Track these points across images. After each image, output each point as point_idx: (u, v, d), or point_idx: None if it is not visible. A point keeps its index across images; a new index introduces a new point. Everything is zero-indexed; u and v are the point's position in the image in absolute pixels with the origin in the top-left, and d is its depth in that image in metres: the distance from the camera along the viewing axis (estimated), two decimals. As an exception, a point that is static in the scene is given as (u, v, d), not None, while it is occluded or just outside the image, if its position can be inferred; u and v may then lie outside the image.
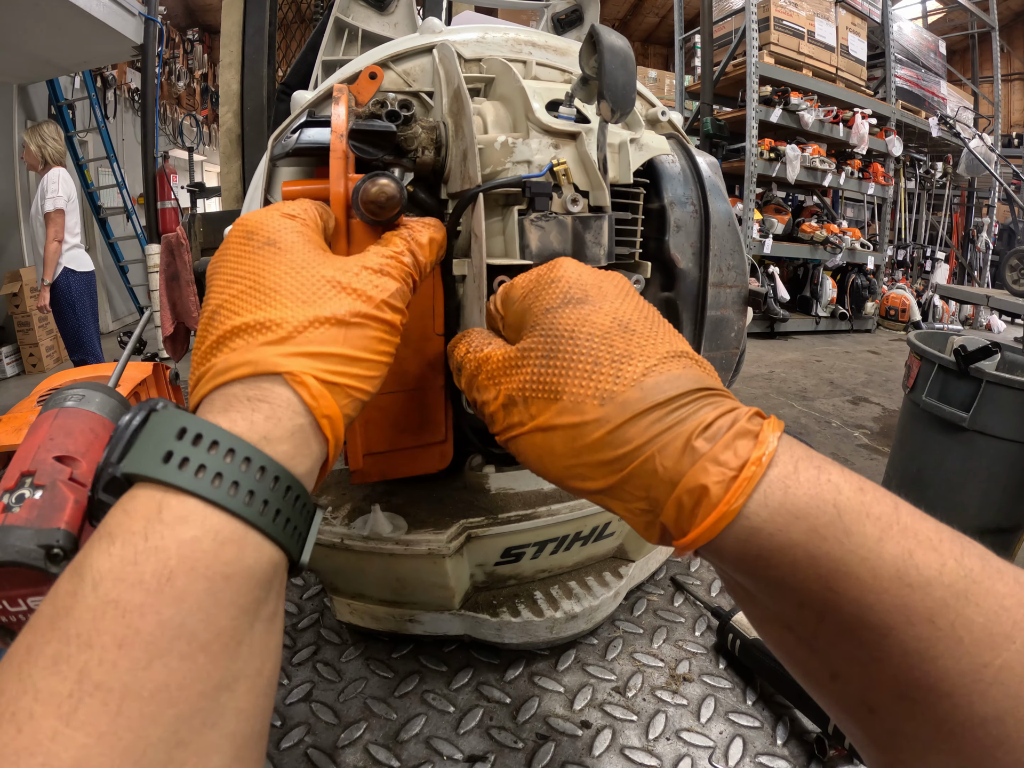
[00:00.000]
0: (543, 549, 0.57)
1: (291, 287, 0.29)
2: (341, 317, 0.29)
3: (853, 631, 0.23)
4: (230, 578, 0.23)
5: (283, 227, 0.32)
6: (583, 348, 0.29)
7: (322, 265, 0.31)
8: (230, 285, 0.30)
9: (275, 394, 0.27)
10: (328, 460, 0.29)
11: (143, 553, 0.22)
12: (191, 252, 2.47)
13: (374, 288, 0.31)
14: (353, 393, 0.29)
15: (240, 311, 0.29)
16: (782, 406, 4.06)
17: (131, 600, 0.21)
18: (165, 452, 0.24)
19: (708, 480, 0.25)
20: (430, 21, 0.51)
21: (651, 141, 0.47)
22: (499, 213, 0.42)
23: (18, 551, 0.27)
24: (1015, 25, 9.83)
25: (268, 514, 0.25)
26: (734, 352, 0.51)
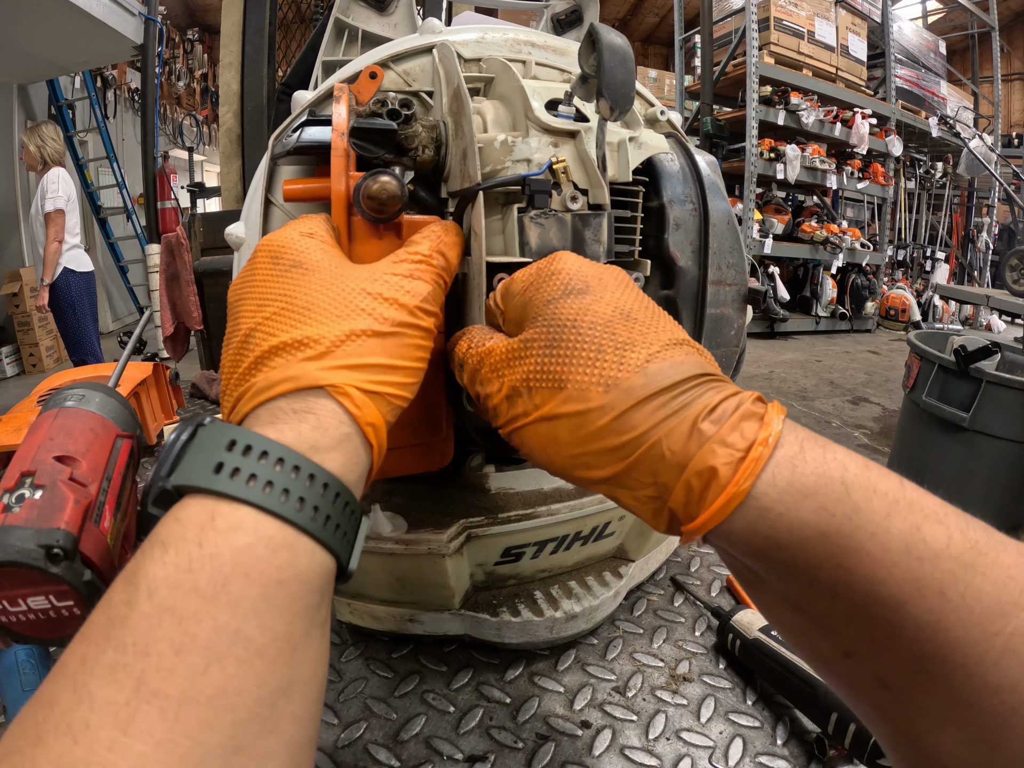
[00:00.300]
0: (543, 549, 0.57)
1: (324, 304, 0.30)
2: (378, 329, 0.30)
3: (865, 607, 0.23)
4: (284, 583, 0.23)
5: (307, 247, 0.33)
6: (586, 336, 0.29)
7: (351, 278, 0.32)
8: (262, 308, 0.30)
9: (320, 406, 0.27)
10: (373, 466, 0.30)
11: (197, 560, 0.22)
12: (191, 252, 2.47)
13: (406, 294, 0.32)
14: (393, 400, 0.30)
15: (276, 331, 0.29)
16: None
17: (187, 607, 0.21)
18: (216, 463, 0.24)
19: (716, 462, 0.25)
20: (430, 21, 0.51)
21: (650, 140, 0.47)
22: (499, 211, 0.42)
23: (18, 551, 0.27)
24: (1015, 25, 9.84)
25: (319, 520, 0.25)
26: (734, 350, 0.51)
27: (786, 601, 0.27)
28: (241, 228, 0.51)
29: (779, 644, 0.54)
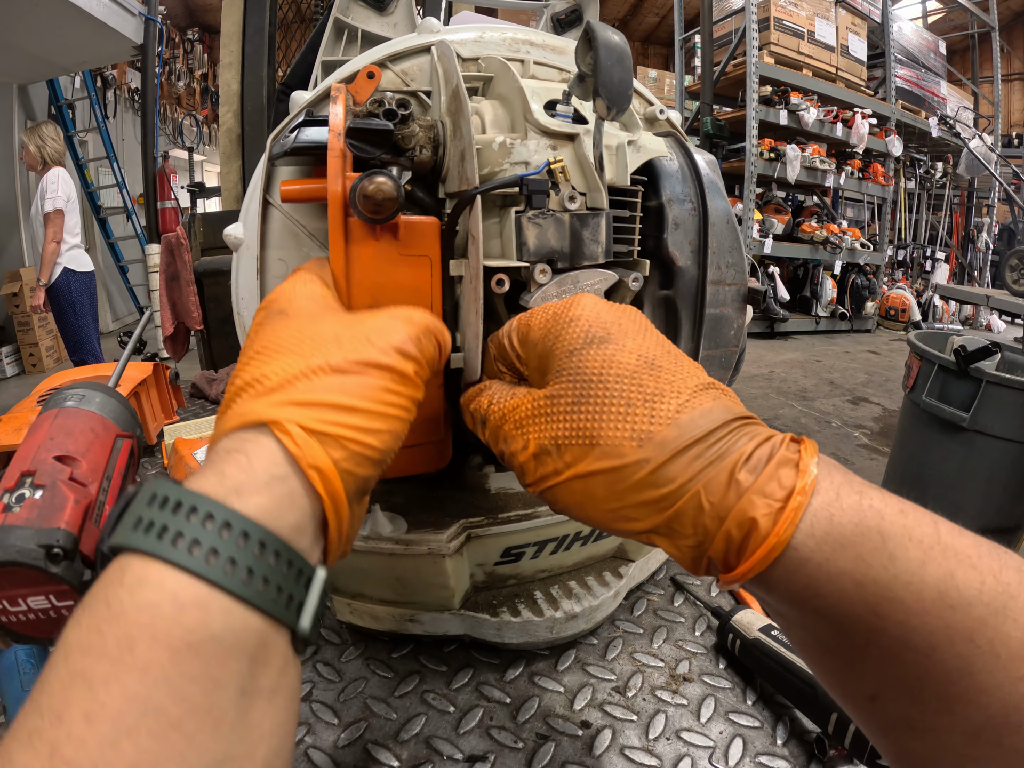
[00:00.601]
0: (543, 549, 0.57)
1: (290, 344, 0.29)
2: (336, 365, 0.28)
3: (897, 653, 0.24)
4: (195, 647, 0.21)
5: (294, 295, 0.33)
6: (614, 390, 0.29)
7: (328, 321, 0.31)
8: (242, 358, 0.30)
9: (256, 444, 0.25)
10: (328, 519, 0.27)
11: (105, 620, 0.21)
12: (191, 252, 2.47)
13: (377, 333, 0.30)
14: (350, 445, 0.27)
15: (243, 375, 0.28)
16: (782, 406, 4.06)
17: (96, 671, 0.20)
18: (136, 519, 0.23)
19: (756, 513, 0.25)
20: (428, 21, 0.51)
21: (649, 143, 0.47)
22: (497, 214, 0.42)
23: (18, 551, 0.27)
24: (1015, 25, 9.83)
25: (237, 574, 0.22)
26: (733, 350, 0.51)
27: (819, 643, 0.27)
28: (239, 229, 0.51)
29: (779, 644, 0.54)
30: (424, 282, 0.41)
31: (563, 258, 0.41)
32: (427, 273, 0.40)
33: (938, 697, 0.24)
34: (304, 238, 0.50)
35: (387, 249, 0.39)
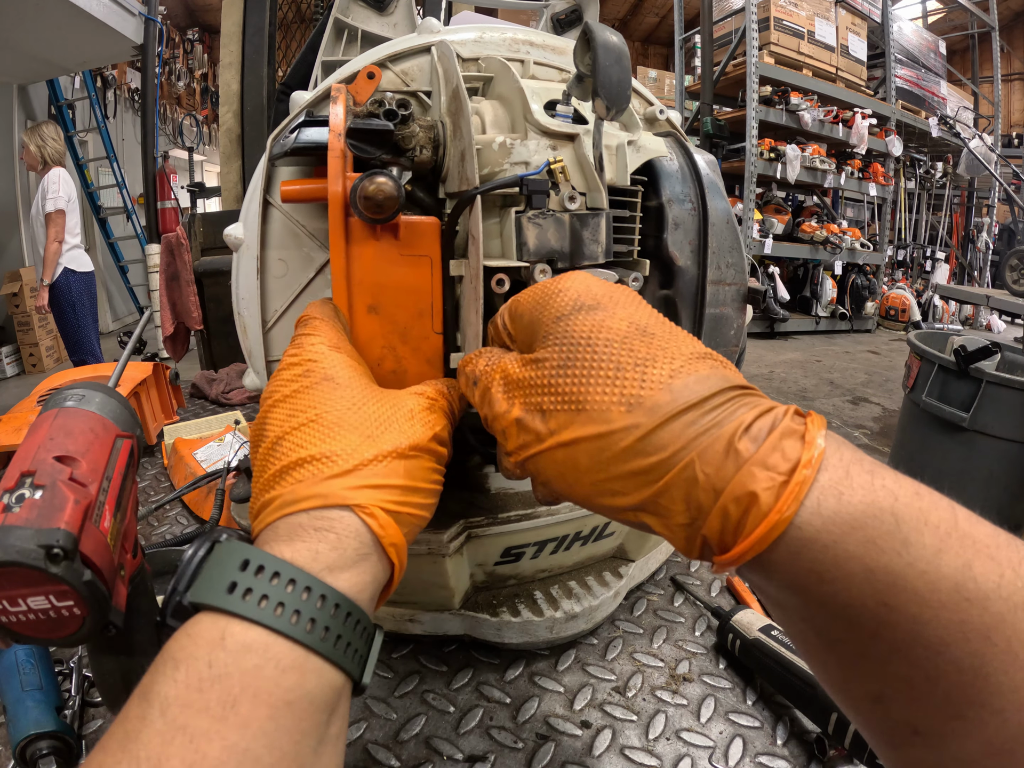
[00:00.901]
0: (543, 549, 0.57)
1: (353, 422, 0.31)
2: (402, 450, 0.31)
3: (906, 649, 0.22)
4: (292, 704, 0.23)
5: (337, 362, 0.34)
6: (602, 354, 0.28)
7: (379, 401, 0.33)
8: (291, 418, 0.31)
9: (343, 524, 0.28)
10: (393, 582, 0.31)
11: (207, 680, 0.23)
12: (191, 252, 2.47)
13: (425, 423, 0.33)
14: (413, 521, 0.31)
15: (304, 443, 0.30)
16: (782, 406, 4.06)
17: (198, 726, 0.22)
18: (230, 582, 0.25)
19: (757, 486, 0.23)
20: (428, 21, 0.51)
21: (649, 143, 0.47)
22: (497, 214, 0.42)
23: (18, 551, 0.27)
24: (1015, 25, 9.83)
25: (329, 640, 0.25)
26: (734, 350, 0.51)
27: (820, 637, 0.25)
28: (240, 229, 0.51)
29: (779, 644, 0.54)
30: (425, 282, 0.41)
31: (563, 258, 0.41)
32: (428, 273, 0.40)
33: (949, 700, 0.22)
34: (304, 238, 0.50)
35: (388, 249, 0.39)
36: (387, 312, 0.40)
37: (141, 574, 0.38)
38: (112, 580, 0.31)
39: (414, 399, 0.35)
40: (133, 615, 0.36)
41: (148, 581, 0.39)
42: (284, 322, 0.51)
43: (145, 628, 0.38)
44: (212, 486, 0.83)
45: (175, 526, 0.82)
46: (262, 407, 0.34)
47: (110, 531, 0.32)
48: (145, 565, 0.39)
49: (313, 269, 0.50)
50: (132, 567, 0.36)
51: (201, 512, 0.83)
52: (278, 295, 0.50)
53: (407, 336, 0.41)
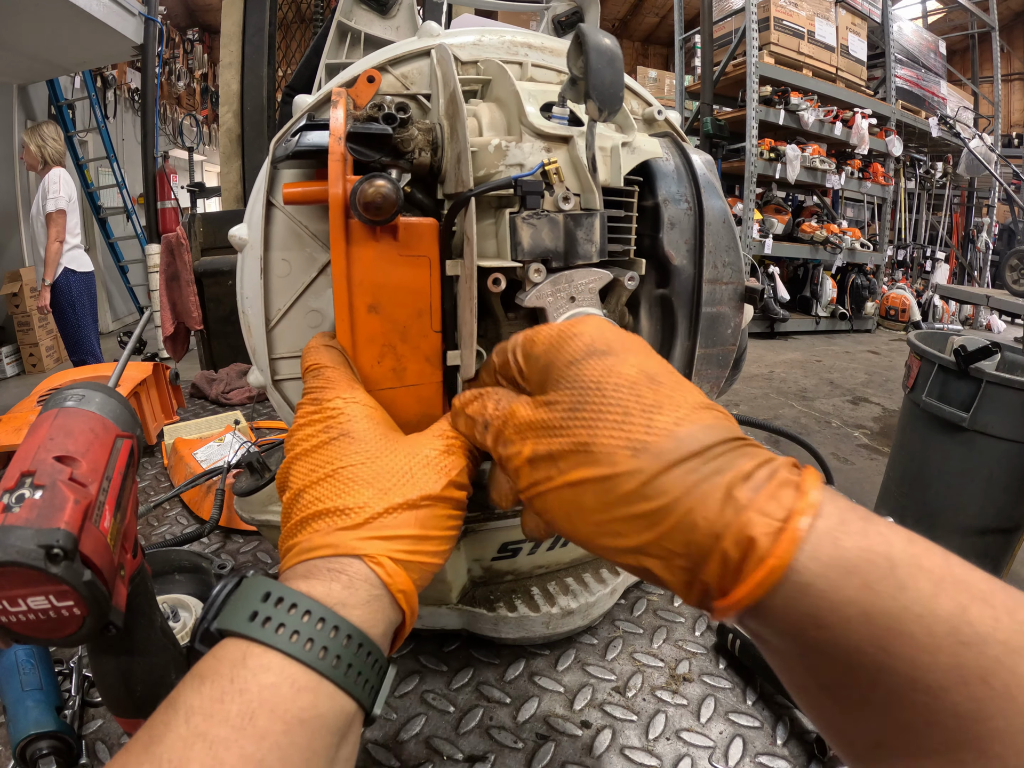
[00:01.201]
0: (540, 544, 0.57)
1: (366, 476, 0.33)
2: (412, 501, 0.32)
3: (905, 694, 0.22)
4: (305, 723, 0.25)
5: (354, 416, 0.36)
6: (611, 399, 0.29)
7: (393, 453, 0.34)
8: (311, 472, 0.33)
9: (353, 570, 0.30)
10: (405, 627, 0.33)
11: (229, 693, 0.24)
12: (191, 252, 2.47)
13: (440, 470, 0.34)
14: (424, 569, 0.32)
15: (322, 497, 0.32)
16: (782, 406, 4.06)
17: (218, 734, 0.23)
18: (251, 612, 0.27)
19: (755, 531, 0.24)
20: (428, 25, 0.51)
21: (643, 144, 0.47)
22: (492, 215, 0.42)
23: (18, 551, 0.27)
24: (1015, 25, 9.83)
25: (341, 668, 0.27)
26: (731, 348, 0.51)
27: (819, 684, 0.25)
28: (244, 230, 0.51)
29: (778, 644, 0.54)
30: (423, 282, 0.41)
31: (557, 258, 0.42)
32: (426, 273, 0.41)
33: (948, 745, 0.22)
34: (307, 239, 0.50)
35: (387, 250, 0.39)
36: (387, 311, 0.40)
37: (141, 574, 0.38)
38: (112, 580, 0.32)
39: (431, 444, 0.36)
40: (133, 615, 0.36)
41: (148, 581, 0.39)
42: (287, 320, 0.52)
43: (145, 628, 0.38)
44: (212, 486, 0.83)
45: (175, 526, 0.82)
46: (286, 457, 0.36)
47: (110, 531, 0.32)
48: (145, 565, 0.39)
49: (316, 269, 0.50)
50: (132, 567, 0.36)
51: (200, 511, 0.83)
52: (281, 294, 0.51)
53: (407, 334, 0.42)
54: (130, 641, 0.37)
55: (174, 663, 0.40)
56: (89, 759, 0.48)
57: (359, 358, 0.41)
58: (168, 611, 0.57)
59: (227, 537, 0.80)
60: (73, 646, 0.44)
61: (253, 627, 0.27)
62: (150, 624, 0.39)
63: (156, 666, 0.39)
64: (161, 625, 0.40)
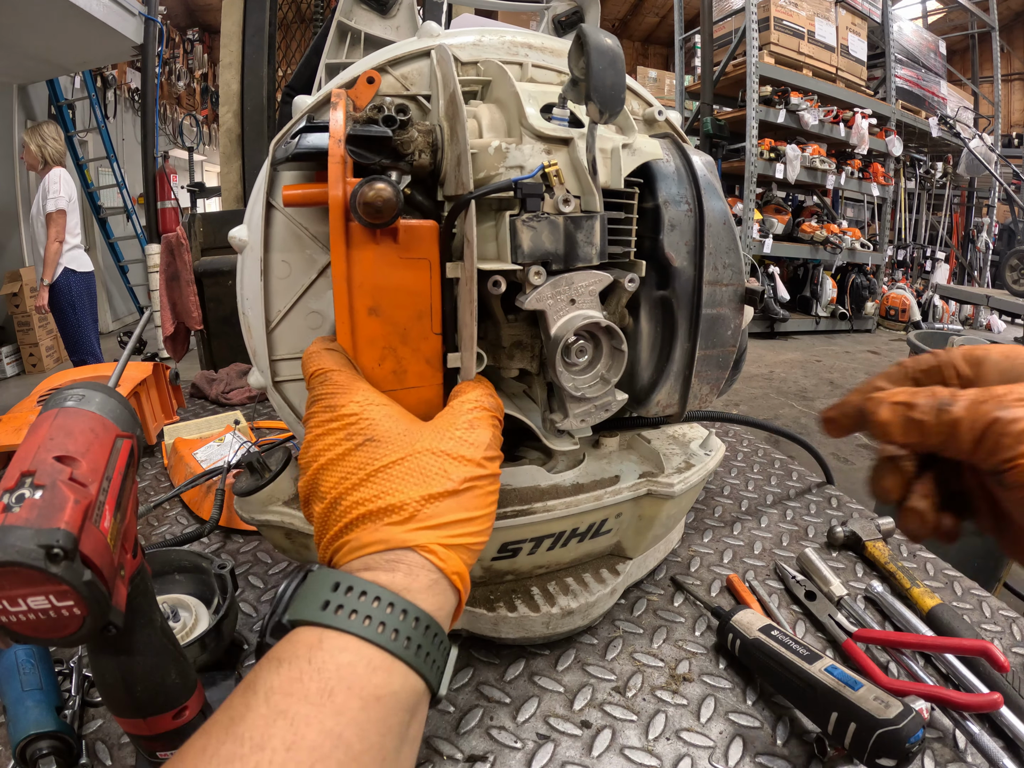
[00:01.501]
0: (540, 545, 0.57)
1: (402, 474, 0.34)
2: (452, 489, 0.34)
3: None
4: (380, 699, 0.26)
5: (374, 418, 0.36)
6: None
7: (421, 442, 0.35)
8: (344, 480, 0.34)
9: (409, 559, 0.32)
10: (461, 603, 0.34)
11: (308, 672, 0.26)
12: (191, 252, 2.46)
13: (471, 447, 0.36)
14: (473, 547, 0.34)
15: (362, 501, 0.33)
16: (782, 406, 4.06)
17: (298, 711, 0.24)
18: (323, 601, 0.29)
19: None
20: (428, 25, 0.51)
21: (644, 145, 0.47)
22: (492, 218, 0.42)
23: (18, 551, 0.27)
24: (1015, 25, 9.82)
25: (411, 648, 0.29)
26: (731, 350, 0.51)
27: None
28: (244, 231, 0.51)
29: (779, 644, 0.54)
30: (423, 284, 0.41)
31: (557, 260, 0.42)
32: (426, 275, 0.41)
33: None
34: (307, 240, 0.50)
35: (387, 252, 0.39)
36: (387, 314, 0.41)
37: (141, 574, 0.38)
38: (112, 580, 0.32)
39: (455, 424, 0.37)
40: (133, 615, 0.36)
41: (148, 581, 0.39)
42: (287, 322, 0.52)
43: (145, 628, 0.38)
44: (212, 486, 0.83)
45: (175, 526, 0.82)
46: (308, 470, 0.36)
47: (110, 531, 0.32)
48: (145, 565, 0.39)
49: (316, 271, 0.50)
50: (132, 567, 0.36)
51: (200, 511, 0.83)
52: (281, 296, 0.51)
53: (407, 337, 0.42)
54: (130, 641, 0.37)
55: (174, 663, 0.40)
56: (89, 759, 0.48)
57: (360, 360, 0.41)
58: (168, 611, 0.57)
59: (227, 537, 0.80)
60: (73, 646, 0.44)
61: (326, 615, 0.28)
62: (150, 624, 0.39)
63: (156, 666, 0.39)
64: (161, 625, 0.40)
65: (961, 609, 0.68)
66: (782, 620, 0.65)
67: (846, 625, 0.63)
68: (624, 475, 0.60)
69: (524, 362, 0.51)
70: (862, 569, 0.75)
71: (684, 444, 0.67)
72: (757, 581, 0.71)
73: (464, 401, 0.39)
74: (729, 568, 0.74)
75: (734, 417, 0.79)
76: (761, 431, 0.95)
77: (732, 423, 0.82)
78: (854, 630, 0.61)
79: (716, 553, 0.76)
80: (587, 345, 0.45)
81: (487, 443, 0.37)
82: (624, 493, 0.57)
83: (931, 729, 0.52)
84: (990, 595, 0.71)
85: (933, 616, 0.65)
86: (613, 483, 0.58)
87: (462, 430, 0.36)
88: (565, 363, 0.44)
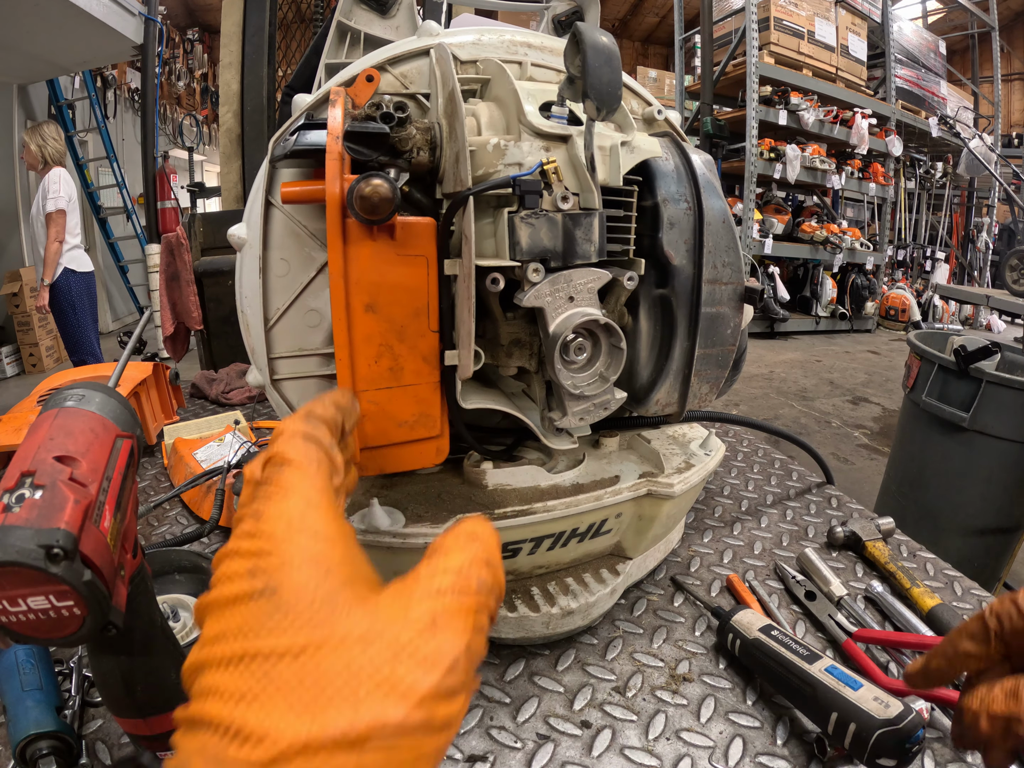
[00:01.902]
0: (540, 545, 0.57)
1: (285, 679, 0.20)
2: (356, 736, 0.19)
3: None
4: None
5: (292, 557, 0.23)
6: None
7: (339, 634, 0.21)
8: (215, 641, 0.22)
9: None
10: None
11: None
12: (191, 252, 2.47)
13: (418, 666, 0.20)
14: None
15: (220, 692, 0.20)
16: (782, 406, 4.06)
17: None
18: None
19: None
20: (427, 24, 0.51)
21: (643, 144, 0.47)
22: (491, 215, 0.42)
23: (18, 551, 0.27)
24: (1015, 25, 9.82)
25: None
26: (730, 348, 0.51)
27: None
28: (243, 229, 0.51)
29: (779, 644, 0.54)
30: (421, 281, 0.41)
31: (556, 257, 0.42)
32: (424, 272, 0.41)
33: None
34: (306, 238, 0.50)
35: (384, 249, 0.39)
36: (384, 311, 0.40)
37: (141, 574, 0.38)
38: (112, 580, 0.32)
39: (413, 612, 0.22)
40: (133, 615, 0.36)
41: (148, 581, 0.39)
42: (286, 320, 0.52)
43: (145, 628, 0.38)
44: (212, 486, 0.83)
45: (175, 526, 0.82)
46: (210, 590, 0.24)
47: (110, 531, 0.32)
48: (145, 565, 0.39)
49: (314, 268, 0.50)
50: (132, 567, 0.36)
51: (200, 512, 0.83)
52: (280, 294, 0.51)
53: (404, 334, 0.42)
54: (130, 641, 0.37)
55: (174, 663, 0.40)
56: (89, 759, 0.48)
57: (356, 357, 0.41)
58: (168, 611, 0.57)
59: (227, 537, 0.80)
60: (73, 646, 0.44)
61: None
62: (150, 624, 0.39)
63: (156, 666, 0.39)
64: (161, 625, 0.40)
65: (961, 609, 0.68)
66: (782, 620, 0.65)
67: (846, 625, 0.63)
68: (624, 475, 0.60)
69: (522, 360, 0.51)
70: (862, 569, 0.75)
71: (684, 444, 0.67)
72: (757, 581, 0.71)
73: (436, 573, 0.23)
74: (729, 568, 0.74)
75: (734, 418, 0.79)
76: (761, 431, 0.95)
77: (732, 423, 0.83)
78: (854, 630, 0.61)
79: (716, 553, 0.76)
80: (586, 343, 0.45)
81: (452, 660, 0.21)
82: (624, 493, 0.57)
83: (931, 729, 0.52)
84: (990, 595, 0.71)
85: (933, 616, 0.65)
86: (613, 483, 0.58)
87: (414, 630, 0.21)
88: (564, 361, 0.44)
